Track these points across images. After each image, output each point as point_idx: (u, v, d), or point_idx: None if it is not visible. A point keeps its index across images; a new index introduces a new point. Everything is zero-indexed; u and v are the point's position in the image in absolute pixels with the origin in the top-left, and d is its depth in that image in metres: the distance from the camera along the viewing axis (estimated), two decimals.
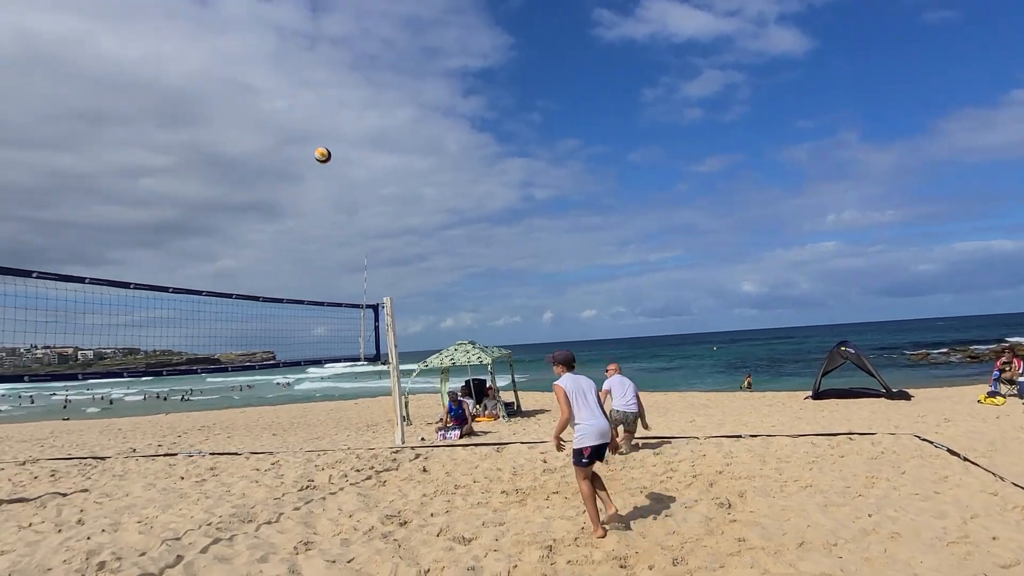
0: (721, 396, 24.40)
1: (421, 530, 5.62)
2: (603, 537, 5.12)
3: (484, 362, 16.31)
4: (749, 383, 26.92)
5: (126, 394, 59.89)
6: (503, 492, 6.94)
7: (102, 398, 56.36)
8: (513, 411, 17.27)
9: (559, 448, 5.63)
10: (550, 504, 6.32)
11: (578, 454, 5.38)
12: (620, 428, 8.91)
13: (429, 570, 4.60)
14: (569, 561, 4.64)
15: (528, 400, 22.26)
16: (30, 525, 6.54)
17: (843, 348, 19.06)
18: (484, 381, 17.54)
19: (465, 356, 16.58)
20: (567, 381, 5.51)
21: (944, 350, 51.63)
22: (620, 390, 9.14)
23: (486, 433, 13.09)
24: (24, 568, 4.94)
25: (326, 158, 7.61)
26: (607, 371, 9.54)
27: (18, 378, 6.94)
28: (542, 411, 19.36)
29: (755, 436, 9.65)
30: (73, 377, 7.69)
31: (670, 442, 9.45)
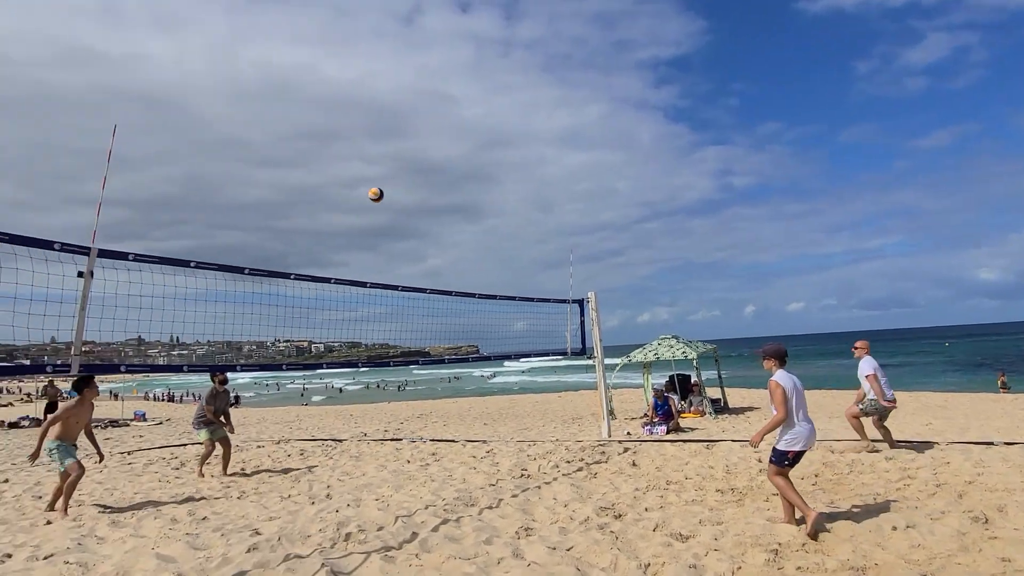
0: (960, 397, 21.69)
1: (637, 524, 5.62)
2: (817, 514, 4.97)
3: (689, 357, 15.91)
4: (1004, 382, 23.28)
5: (347, 384, 66.32)
6: (718, 491, 6.73)
7: (330, 386, 62.90)
8: (720, 407, 16.67)
9: (754, 445, 5.45)
10: (770, 506, 6.01)
11: (781, 456, 5.16)
12: (872, 419, 8.41)
13: (649, 564, 4.58)
14: (799, 568, 4.39)
15: (735, 396, 21.36)
16: (289, 496, 7.48)
17: None
18: (688, 376, 17.09)
19: (669, 351, 16.29)
20: (784, 378, 5.22)
21: None
22: (883, 374, 8.45)
23: (692, 430, 12.76)
24: (289, 533, 5.65)
25: (378, 197, 7.89)
26: (855, 350, 8.76)
27: (277, 367, 7.93)
28: (751, 408, 18.47)
29: (1012, 444, 8.45)
30: (316, 367, 8.67)
31: (903, 446, 8.57)
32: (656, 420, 12.43)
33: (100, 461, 8.11)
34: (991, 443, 8.56)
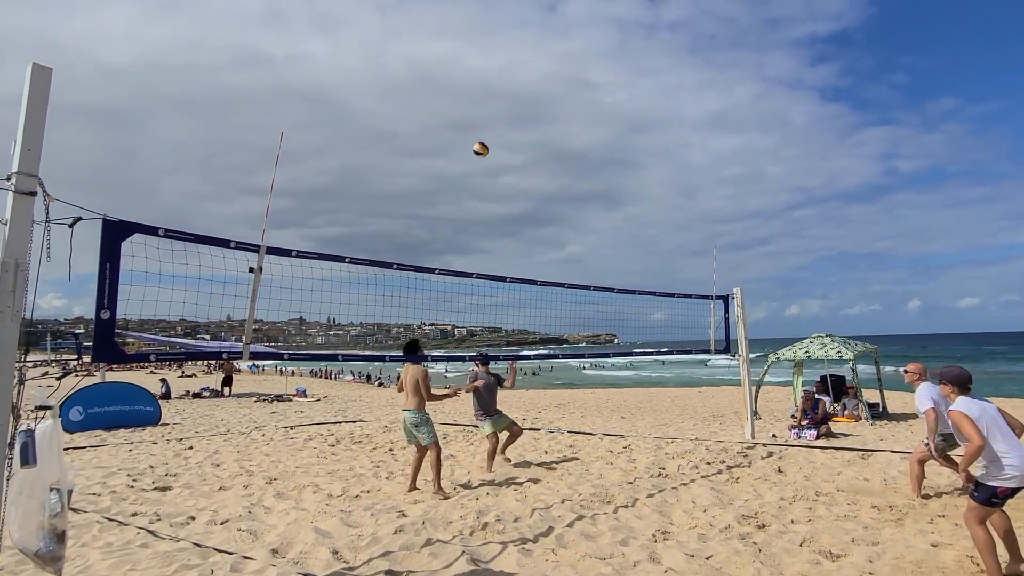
0: None
1: (782, 536, 5.37)
2: None
3: (845, 357, 14.90)
4: None
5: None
6: (874, 507, 6.27)
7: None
8: (878, 413, 15.49)
9: (968, 480, 4.58)
10: (935, 529, 5.53)
11: (987, 491, 4.36)
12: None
13: None
14: None
15: (896, 401, 19.75)
16: (429, 481, 7.82)
17: None
18: (843, 378, 16.01)
19: (822, 349, 15.34)
20: (968, 405, 4.47)
21: None
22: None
23: (846, 436, 11.96)
24: (433, 518, 5.92)
25: (483, 150, 7.61)
26: (906, 373, 7.11)
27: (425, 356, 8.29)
28: (914, 415, 17.01)
29: None
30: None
31: None
32: (805, 424, 11.77)
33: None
34: None
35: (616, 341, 12.54)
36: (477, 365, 8.88)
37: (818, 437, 11.22)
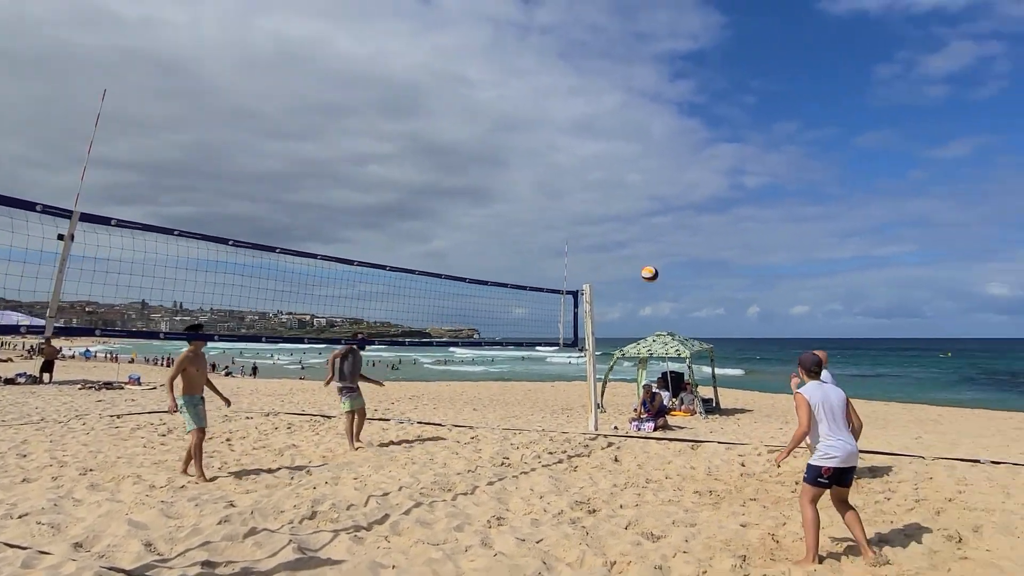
0: (955, 412, 21.64)
1: (609, 520, 5.61)
2: (815, 562, 4.60)
3: (683, 355, 15.87)
4: None
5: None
6: (696, 492, 6.71)
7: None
8: (711, 408, 16.65)
9: (777, 465, 5.13)
10: (746, 511, 5.99)
11: (814, 471, 4.71)
12: None
13: (616, 563, 4.57)
14: (764, 575, 4.37)
15: (728, 397, 21.35)
16: (269, 470, 7.49)
17: None
18: (682, 374, 17.07)
19: (663, 347, 16.25)
20: (811, 390, 4.81)
21: None
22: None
23: (681, 428, 12.74)
24: (263, 508, 5.66)
25: (653, 276, 8.20)
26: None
27: (256, 339, 7.94)
28: (742, 411, 18.46)
29: (999, 463, 8.41)
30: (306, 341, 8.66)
31: (887, 459, 8.54)
32: (644, 416, 12.42)
33: (229, 406, 8.08)
34: (977, 461, 8.52)
35: (478, 335, 12.64)
36: (349, 347, 9.18)
37: (655, 429, 11.86)
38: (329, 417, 12.48)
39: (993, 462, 8.48)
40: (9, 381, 21.61)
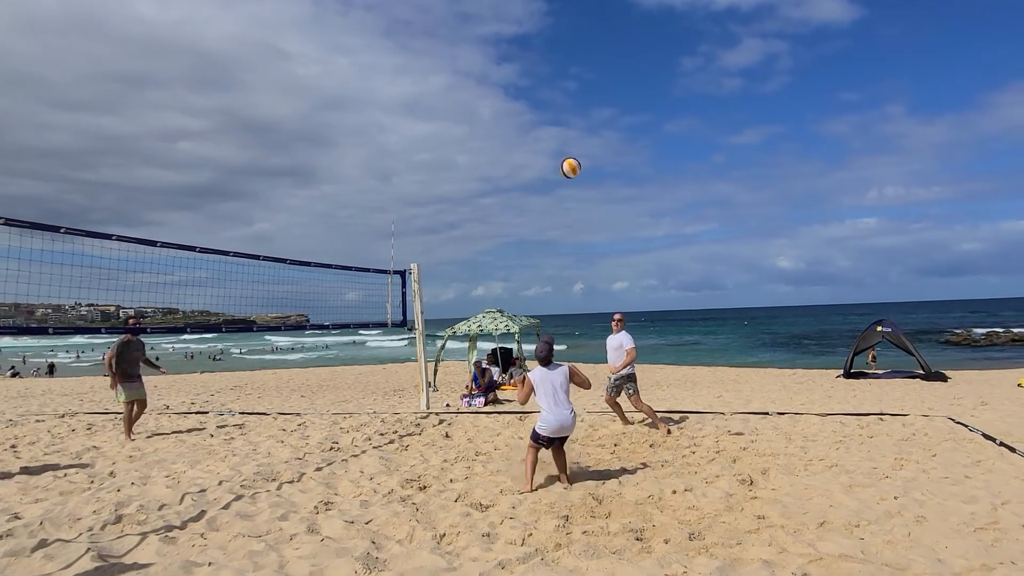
0: (750, 372, 24.15)
1: (440, 495, 5.66)
2: (531, 491, 5.69)
3: (512, 330, 16.31)
4: (874, 357, 22.46)
5: (165, 352, 61.46)
6: (523, 460, 6.93)
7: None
8: None
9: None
10: (569, 474, 6.29)
11: (535, 436, 5.93)
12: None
13: (445, 534, 4.62)
14: (585, 532, 4.62)
15: None
16: (65, 476, 6.74)
17: (880, 327, 18.68)
18: (511, 350, 17.55)
19: (493, 324, 16.60)
20: (537, 374, 6.00)
21: (986, 332, 50.14)
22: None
23: (510, 402, 13.11)
24: (56, 516, 5.09)
25: (573, 169, 7.66)
26: (616, 321, 8.87)
27: (43, 331, 7.09)
28: None
29: (782, 414, 9.51)
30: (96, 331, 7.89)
31: (689, 416, 9.36)
32: (475, 392, 12.64)
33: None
34: (766, 413, 9.58)
35: (308, 321, 12.17)
36: (130, 336, 8.80)
37: (486, 404, 12.12)
38: None
39: (779, 413, 9.58)
40: None
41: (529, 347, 19.77)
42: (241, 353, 61.76)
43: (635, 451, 7.34)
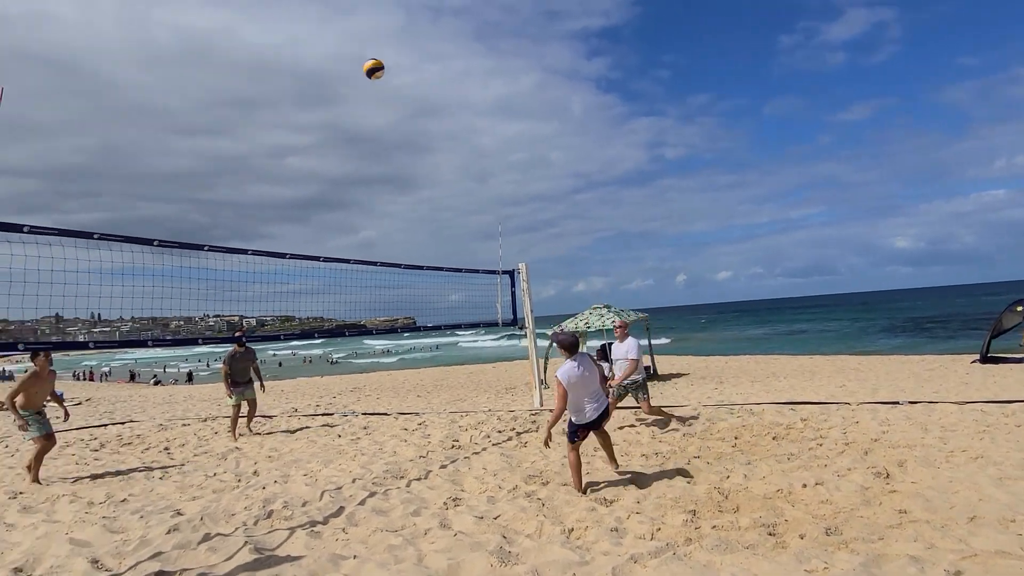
0: (873, 360, 22.87)
1: (563, 490, 5.74)
2: (583, 492, 5.61)
3: None
4: None
5: (280, 357, 65.04)
6: (643, 455, 6.93)
7: (264, 361, 61.41)
8: (649, 375, 17.10)
9: (546, 445, 5.99)
10: (691, 468, 6.23)
11: (572, 431, 5.81)
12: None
13: (573, 529, 4.70)
14: (714, 526, 4.57)
15: (664, 364, 21.95)
16: (214, 475, 7.31)
17: (1020, 307, 17.25)
18: None
19: (600, 320, 16.55)
20: (564, 372, 5.61)
21: None
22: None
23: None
24: (213, 512, 5.54)
25: (376, 69, 7.24)
26: (618, 328, 8.95)
27: (192, 341, 7.69)
28: (679, 375, 19.04)
29: (915, 403, 8.99)
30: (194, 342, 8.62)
31: (812, 408, 9.00)
32: None
33: (66, 419, 8.12)
34: (896, 403, 9.08)
35: (415, 324, 12.59)
36: (236, 346, 9.70)
37: None
38: (270, 417, 12.24)
39: (911, 402, 9.06)
40: None
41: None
42: (346, 357, 64.32)
43: (757, 444, 7.16)
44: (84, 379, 47.97)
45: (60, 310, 6.08)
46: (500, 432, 8.74)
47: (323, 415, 12.17)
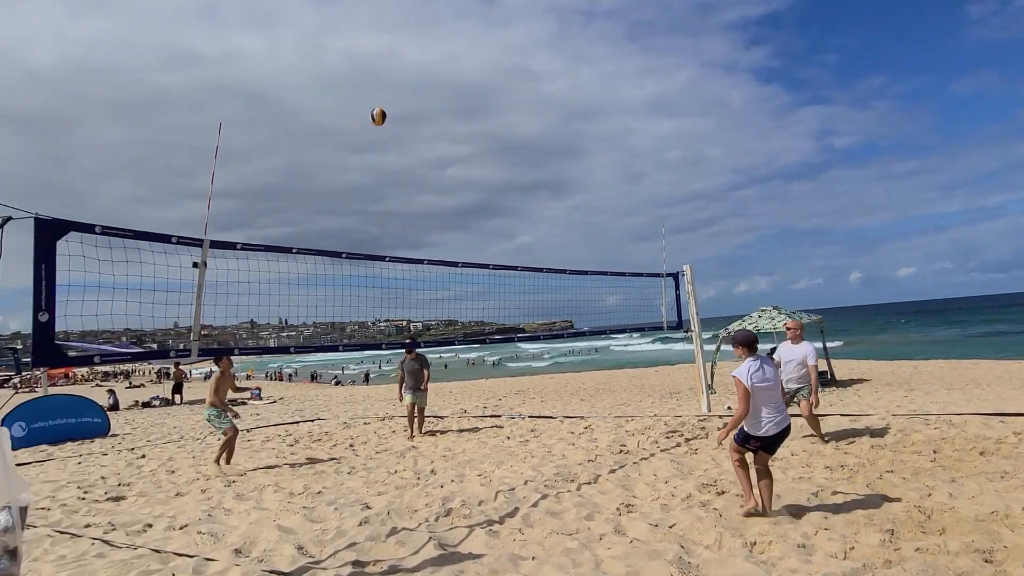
0: None
1: (740, 501, 5.51)
2: (753, 507, 5.03)
3: None
4: None
5: (446, 360, 67.82)
6: (827, 467, 6.49)
7: (471, 362, 64.51)
8: (827, 380, 16.02)
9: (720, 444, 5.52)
10: (883, 483, 5.75)
11: (744, 436, 5.19)
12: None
13: (756, 543, 4.49)
14: (917, 549, 4.18)
15: (842, 368, 20.44)
16: (395, 472, 7.78)
17: None
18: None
19: (771, 322, 15.75)
20: (744, 372, 5.09)
21: None
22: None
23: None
24: (397, 508, 5.89)
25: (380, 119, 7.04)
26: (788, 329, 8.28)
27: (374, 345, 8.22)
28: (860, 380, 17.66)
29: None
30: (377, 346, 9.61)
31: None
32: None
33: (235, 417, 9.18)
34: None
35: (573, 327, 12.68)
36: (407, 353, 10.41)
37: None
38: (441, 417, 12.82)
39: None
40: (146, 404, 23.36)
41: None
42: (502, 360, 65.64)
43: (961, 459, 6.46)
44: (275, 379, 52.90)
45: (255, 317, 6.77)
46: (668, 438, 8.56)
47: (491, 416, 12.55)
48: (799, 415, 7.80)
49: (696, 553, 4.38)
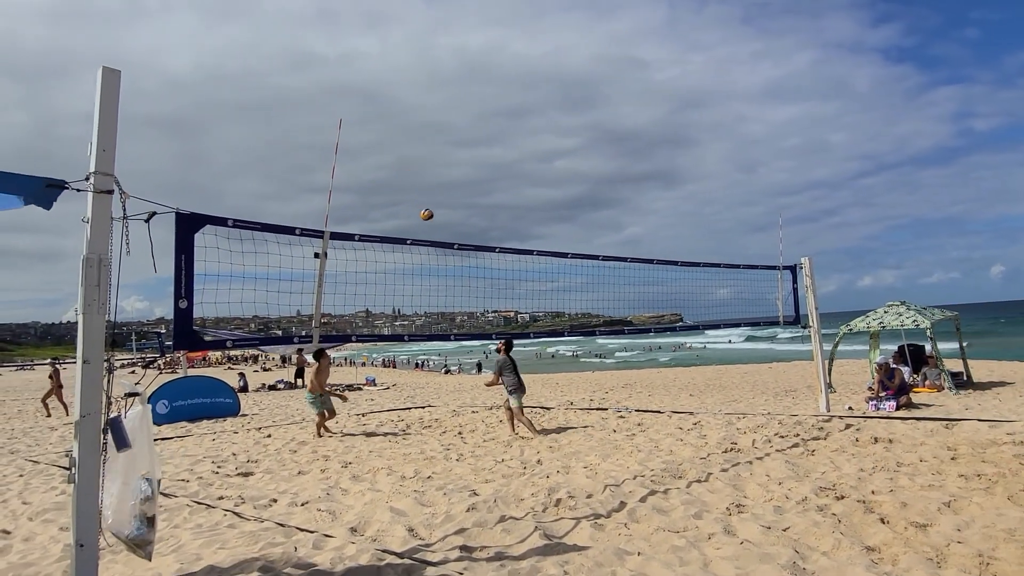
0: None
1: (860, 507, 5.21)
2: None
3: (922, 326, 14.28)
4: None
5: (559, 350, 68.07)
6: (961, 476, 6.02)
7: (540, 353, 65.05)
8: (962, 382, 14.83)
9: None
10: None
11: None
12: None
13: (879, 550, 4.24)
14: None
15: (980, 370, 18.88)
16: (502, 460, 7.91)
17: None
18: (922, 347, 15.37)
19: (898, 319, 14.76)
20: None
21: None
22: None
23: (928, 406, 11.50)
24: (504, 496, 5.99)
25: (430, 217, 7.28)
26: None
27: (484, 336, 8.37)
28: (1001, 383, 16.24)
29: None
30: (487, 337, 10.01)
31: None
32: (883, 395, 11.37)
33: (345, 401, 11.78)
34: None
35: (682, 320, 12.42)
36: (498, 350, 10.34)
37: (898, 408, 10.83)
38: (548, 409, 12.89)
39: None
40: (272, 388, 24.92)
41: (947, 345, 17.06)
42: (604, 353, 64.96)
43: None
44: (388, 366, 55.01)
45: (370, 306, 7.05)
46: (782, 438, 8.22)
47: (597, 410, 12.50)
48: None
49: (812, 559, 4.19)
